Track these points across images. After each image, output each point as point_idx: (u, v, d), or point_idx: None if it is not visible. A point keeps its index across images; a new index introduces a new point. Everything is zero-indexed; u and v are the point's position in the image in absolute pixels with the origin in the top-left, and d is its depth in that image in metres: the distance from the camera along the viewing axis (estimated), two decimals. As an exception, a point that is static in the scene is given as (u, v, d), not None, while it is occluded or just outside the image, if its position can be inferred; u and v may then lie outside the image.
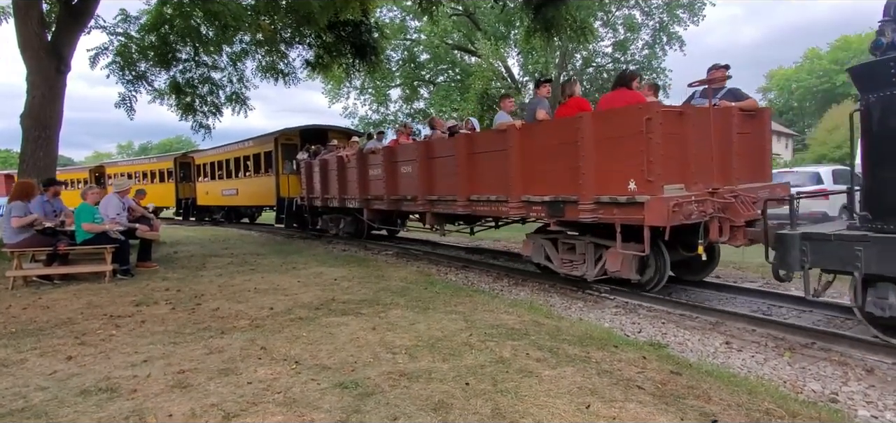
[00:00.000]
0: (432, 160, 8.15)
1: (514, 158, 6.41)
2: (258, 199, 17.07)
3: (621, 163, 5.16)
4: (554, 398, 2.96)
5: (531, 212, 6.44)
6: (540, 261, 6.87)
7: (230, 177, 18.74)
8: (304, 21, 11.51)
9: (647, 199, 4.88)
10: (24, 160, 10.11)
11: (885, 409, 3.08)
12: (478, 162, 7.16)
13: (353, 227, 12.12)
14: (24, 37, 9.94)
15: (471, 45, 26.18)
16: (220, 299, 5.92)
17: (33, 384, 3.35)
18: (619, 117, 5.24)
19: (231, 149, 18.61)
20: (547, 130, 6.16)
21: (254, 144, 16.99)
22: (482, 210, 7.29)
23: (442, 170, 7.94)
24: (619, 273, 5.61)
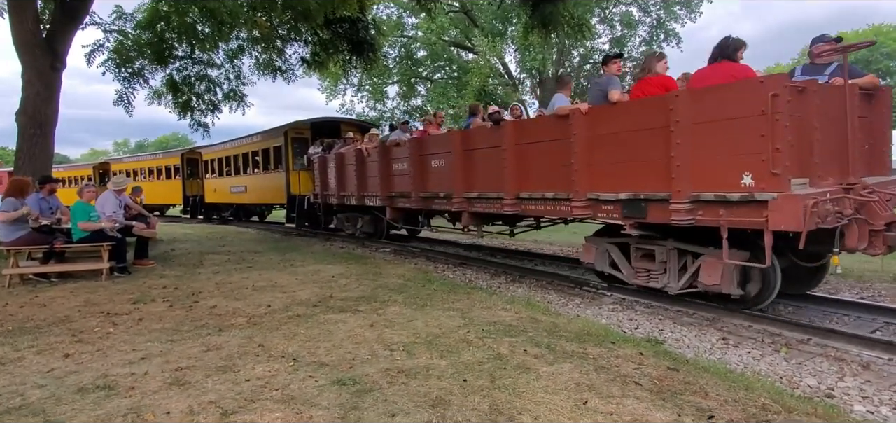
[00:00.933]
0: (471, 152, 7.22)
1: (579, 148, 5.49)
2: (268, 196, 16.25)
3: (732, 152, 4.22)
4: (551, 394, 2.97)
5: (600, 212, 5.46)
6: (604, 269, 5.95)
7: (238, 173, 17.88)
8: (301, 18, 11.47)
9: (773, 197, 3.96)
10: (20, 158, 10.06)
11: (881, 404, 3.10)
12: (530, 154, 6.23)
13: (371, 226, 11.31)
14: (18, 33, 9.89)
15: (468, 42, 26.15)
16: (217, 296, 5.91)
17: (31, 382, 3.35)
18: (731, 95, 4.26)
19: (239, 144, 17.75)
20: (624, 114, 5.12)
21: (262, 138, 16.15)
22: (534, 210, 6.37)
23: (483, 163, 7.01)
24: (717, 287, 4.68)
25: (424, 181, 8.30)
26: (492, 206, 6.96)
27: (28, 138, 9.99)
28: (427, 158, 8.24)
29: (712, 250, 4.72)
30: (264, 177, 16.08)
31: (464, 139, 7.40)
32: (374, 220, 11.17)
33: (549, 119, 6.12)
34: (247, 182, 17.35)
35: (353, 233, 11.94)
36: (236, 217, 19.60)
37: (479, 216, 7.53)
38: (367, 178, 10.16)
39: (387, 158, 9.38)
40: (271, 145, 15.47)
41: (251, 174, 17.05)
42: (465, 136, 7.48)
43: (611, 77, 5.69)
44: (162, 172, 23.96)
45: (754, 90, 4.11)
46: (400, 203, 9.13)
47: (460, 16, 26.02)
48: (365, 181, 10.22)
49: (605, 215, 5.45)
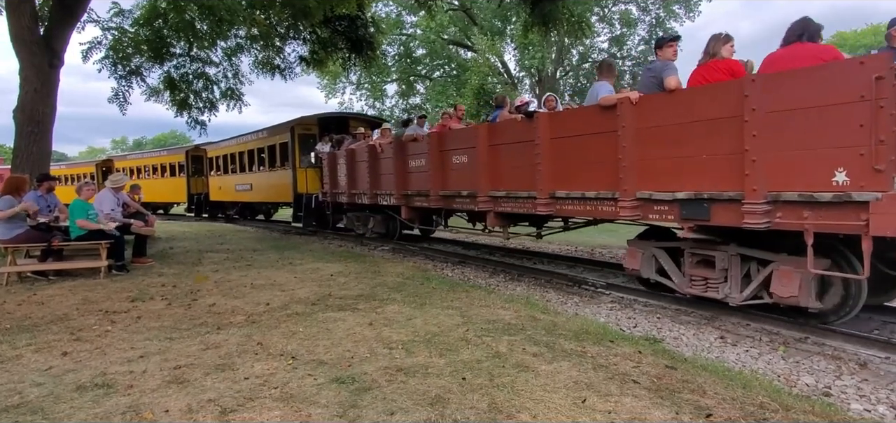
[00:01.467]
0: (498, 148, 6.71)
1: (628, 142, 4.94)
2: (274, 194, 15.56)
3: (821, 145, 3.70)
4: (550, 393, 2.97)
5: (652, 213, 4.91)
6: (650, 276, 5.39)
7: (244, 171, 17.21)
8: (300, 15, 11.45)
9: (876, 197, 3.42)
10: (18, 155, 10.03)
11: (878, 402, 3.11)
12: (567, 149, 5.72)
13: (383, 226, 10.70)
14: (16, 30, 9.85)
15: (467, 41, 26.15)
16: (216, 294, 5.91)
17: (29, 380, 3.34)
18: (821, 78, 3.70)
19: (244, 140, 17.09)
20: (685, 103, 4.54)
21: (268, 134, 15.48)
22: (572, 210, 5.84)
23: (512, 160, 6.46)
24: (793, 299, 4.14)
25: (445, 179, 7.79)
26: (521, 206, 6.42)
27: (25, 136, 9.96)
28: (448, 153, 7.69)
29: (785, 257, 4.22)
30: (270, 175, 15.53)
31: (490, 133, 6.87)
32: (386, 220, 10.61)
33: (591, 111, 5.47)
34: (252, 180, 16.76)
35: (364, 234, 11.35)
36: (241, 216, 19.08)
37: (506, 217, 7.01)
38: (379, 175, 9.64)
39: (402, 155, 8.84)
40: (277, 142, 14.87)
41: (256, 172, 16.51)
42: (492, 130, 6.92)
43: (667, 62, 4.93)
44: (166, 169, 23.27)
45: (852, 73, 3.56)
46: (416, 202, 8.65)
47: (459, 14, 26.01)
48: (378, 179, 9.70)
49: (657, 217, 4.88)
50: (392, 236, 10.71)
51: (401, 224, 10.22)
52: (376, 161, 9.72)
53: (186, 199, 21.93)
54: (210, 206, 20.60)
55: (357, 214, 11.56)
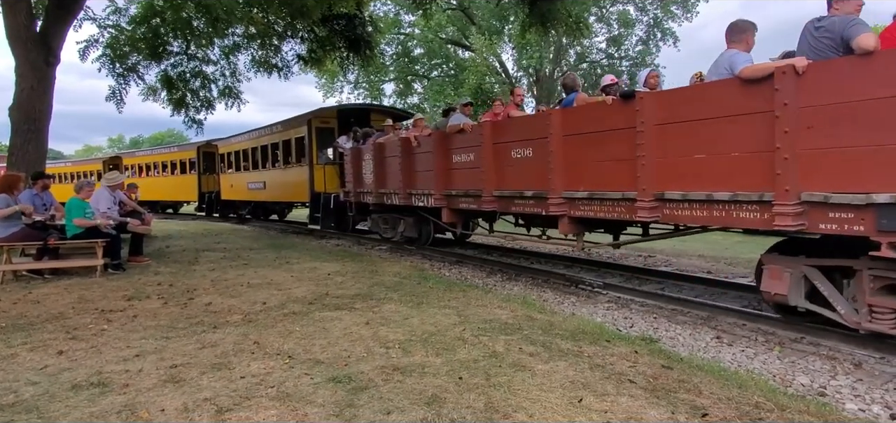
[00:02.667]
0: (579, 138, 5.58)
1: (790, 125, 3.75)
2: (288, 193, 14.53)
3: None
4: (547, 392, 2.98)
5: (826, 222, 3.69)
6: (799, 303, 4.19)
7: (257, 168, 16.22)
8: (298, 14, 11.44)
9: None
10: (13, 153, 9.99)
11: (873, 402, 3.12)
12: (685, 137, 4.53)
13: (415, 230, 9.63)
14: (11, 28, 9.81)
15: (465, 40, 26.16)
16: (212, 293, 5.89)
17: (24, 378, 3.33)
18: None
19: (257, 135, 16.04)
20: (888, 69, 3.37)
21: (283, 128, 14.40)
22: (691, 216, 4.58)
23: (599, 152, 5.34)
24: None
25: (501, 177, 6.71)
26: (611, 210, 5.28)
27: (21, 134, 9.93)
28: (506, 146, 6.60)
29: None
30: (285, 172, 14.54)
31: (567, 120, 5.73)
32: (419, 222, 9.55)
33: (726, 86, 4.23)
34: (266, 178, 15.73)
35: (392, 238, 10.26)
36: (254, 216, 18.07)
37: (584, 223, 5.98)
38: (415, 172, 8.61)
39: (444, 149, 7.80)
40: (293, 136, 13.78)
41: (270, 169, 15.52)
42: (570, 116, 5.78)
43: (850, 17, 3.68)
44: (176, 166, 22.31)
45: None
46: (462, 204, 7.54)
47: (457, 14, 26.02)
48: (412, 177, 8.67)
49: (835, 227, 3.65)
50: (425, 241, 9.73)
51: (434, 228, 9.40)
52: (411, 157, 8.67)
53: (197, 197, 21.05)
54: (221, 205, 19.61)
55: (385, 215, 10.43)
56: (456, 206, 7.80)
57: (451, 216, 8.01)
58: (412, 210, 9.24)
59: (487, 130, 6.94)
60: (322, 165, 12.80)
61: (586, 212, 5.62)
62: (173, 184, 22.41)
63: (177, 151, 22.75)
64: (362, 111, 13.69)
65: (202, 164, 20.58)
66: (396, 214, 10.03)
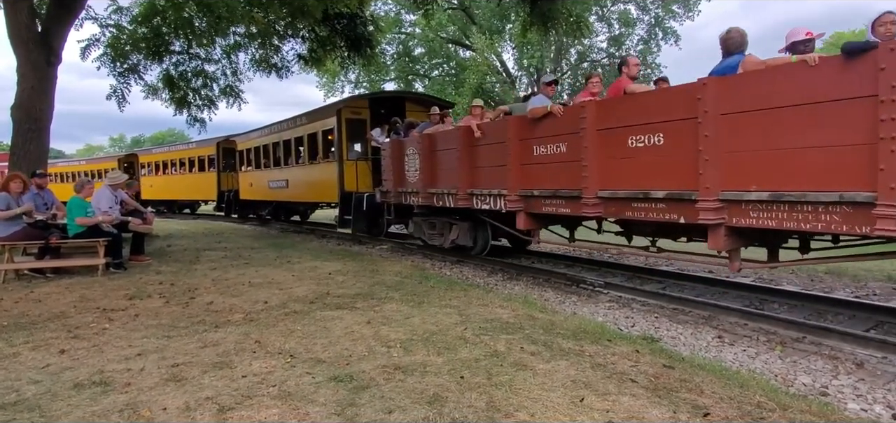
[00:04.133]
0: (754, 118, 4.09)
1: None
2: (314, 193, 13.12)
3: None
4: (548, 392, 2.98)
5: None
6: None
7: (278, 165, 14.88)
8: (299, 13, 11.43)
9: None
10: (15, 153, 10.00)
11: (875, 402, 3.12)
12: None
13: (470, 236, 8.25)
14: (13, 27, 9.82)
15: (466, 39, 26.15)
16: (213, 292, 5.90)
17: (26, 377, 3.33)
18: None
19: (278, 129, 14.77)
20: None
21: (308, 121, 13.00)
22: None
23: (800, 136, 3.84)
24: None
25: (612, 172, 5.32)
26: (819, 217, 3.76)
27: (23, 134, 9.94)
28: (620, 133, 5.17)
29: None
30: (310, 169, 13.08)
31: (732, 94, 4.20)
32: (475, 227, 8.23)
33: None
34: (289, 176, 14.29)
35: (442, 245, 8.88)
36: (274, 217, 16.87)
37: (747, 235, 4.59)
38: (477, 169, 7.28)
39: (523, 139, 6.42)
40: (319, 129, 12.36)
41: (294, 166, 14.10)
42: (737, 88, 4.21)
43: None
44: (194, 163, 21.00)
45: None
46: (548, 207, 6.16)
47: (458, 13, 26.01)
48: (474, 174, 7.33)
49: None
50: (480, 249, 8.34)
51: (492, 233, 8.23)
52: (472, 150, 7.34)
53: (216, 196, 19.68)
54: (240, 205, 18.27)
55: (432, 220, 9.05)
56: (537, 209, 6.36)
57: (528, 222, 6.59)
58: (469, 213, 7.95)
59: (591, 112, 5.44)
60: (353, 161, 11.40)
61: (763, 221, 4.08)
62: (191, 182, 21.26)
63: (195, 147, 21.11)
64: (396, 100, 12.37)
65: (222, 161, 19.36)
66: (447, 217, 8.66)
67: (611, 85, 5.86)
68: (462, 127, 7.61)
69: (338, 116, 11.38)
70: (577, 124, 5.62)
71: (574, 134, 5.70)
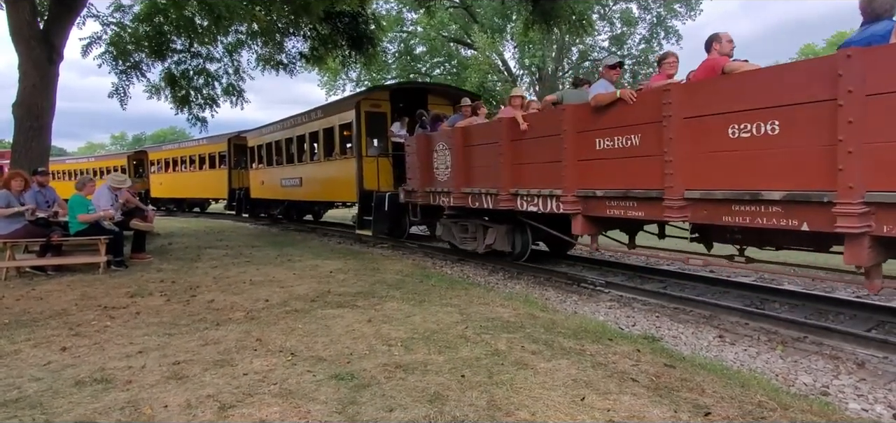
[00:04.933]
0: None
1: None
2: (330, 191, 12.34)
3: None
4: (549, 391, 2.98)
5: None
6: None
7: (292, 162, 14.05)
8: (301, 12, 11.43)
9: None
10: (17, 151, 10.02)
11: (876, 402, 3.11)
12: None
13: (509, 240, 7.45)
14: (15, 25, 9.83)
15: (467, 38, 26.12)
16: (215, 290, 5.91)
17: (27, 374, 3.34)
18: None
19: (291, 124, 13.97)
20: None
21: (324, 114, 12.26)
22: None
23: None
24: None
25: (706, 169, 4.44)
26: None
27: (24, 131, 9.95)
28: (716, 121, 4.33)
29: None
30: (326, 166, 12.25)
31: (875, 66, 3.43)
32: (514, 231, 7.45)
33: None
34: (302, 173, 13.49)
35: (475, 249, 8.03)
36: (287, 217, 16.14)
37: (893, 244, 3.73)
38: (523, 166, 6.52)
39: (582, 132, 5.61)
40: (336, 123, 11.57)
41: (308, 163, 13.27)
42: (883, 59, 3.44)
43: None
44: (205, 160, 20.23)
45: None
46: (615, 209, 5.33)
47: (460, 12, 25.99)
48: (520, 171, 6.56)
49: None
50: (520, 254, 7.53)
51: (531, 239, 7.44)
52: (517, 145, 6.58)
53: (227, 194, 18.83)
54: (251, 204, 17.45)
55: (464, 222, 8.26)
56: (599, 212, 5.54)
57: (586, 226, 5.82)
58: (507, 216, 7.24)
59: (678, 96, 4.60)
60: (374, 158, 10.60)
61: None
62: (201, 180, 20.52)
63: (205, 144, 20.18)
64: (418, 92, 11.53)
65: (233, 158, 18.57)
66: (481, 219, 7.91)
67: (700, 65, 4.78)
68: (504, 119, 6.77)
69: (357, 109, 10.57)
70: (658, 112, 4.72)
71: (652, 124, 4.82)
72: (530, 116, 6.56)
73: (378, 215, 9.94)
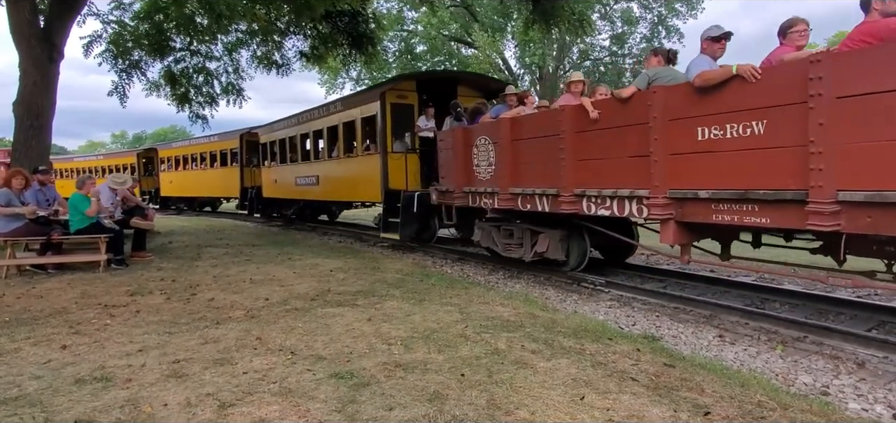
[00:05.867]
0: None
1: None
2: (351, 190, 11.46)
3: None
4: (549, 390, 2.98)
5: None
6: None
7: (307, 159, 13.34)
8: (301, 10, 11.42)
9: None
10: (17, 149, 10.02)
11: (876, 402, 3.11)
12: None
13: (563, 247, 6.49)
14: (15, 23, 9.83)
15: (468, 37, 26.11)
16: (215, 289, 5.91)
17: (27, 373, 3.34)
18: None
19: (307, 118, 13.08)
20: None
21: (344, 107, 11.40)
22: None
23: None
24: None
25: (874, 164, 3.51)
26: None
27: (25, 130, 9.95)
28: None
29: None
30: (346, 164, 11.42)
31: None
32: (568, 236, 6.55)
33: None
34: (319, 171, 12.58)
35: (521, 258, 6.99)
36: (300, 217, 15.32)
37: None
38: (591, 162, 5.62)
39: (678, 119, 4.69)
40: (358, 116, 10.65)
41: (326, 160, 12.37)
42: None
43: None
44: (216, 158, 19.48)
45: None
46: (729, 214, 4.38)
47: (460, 11, 25.97)
48: (586, 168, 5.67)
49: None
50: (577, 264, 6.64)
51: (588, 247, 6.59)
52: (583, 138, 5.67)
53: (239, 193, 17.95)
54: (263, 203, 16.52)
55: (511, 226, 7.21)
56: (702, 217, 4.59)
57: (680, 234, 4.90)
58: (563, 219, 6.36)
59: (829, 68, 3.62)
60: (401, 154, 9.74)
61: None
62: (213, 178, 19.77)
63: (217, 140, 19.47)
64: (446, 81, 10.60)
65: (245, 155, 17.82)
66: (531, 223, 6.87)
67: (857, 29, 3.79)
68: (567, 108, 5.87)
69: (381, 100, 9.62)
70: (798, 91, 3.79)
71: (788, 106, 3.89)
72: (603, 103, 5.60)
73: (406, 217, 9.07)
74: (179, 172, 22.29)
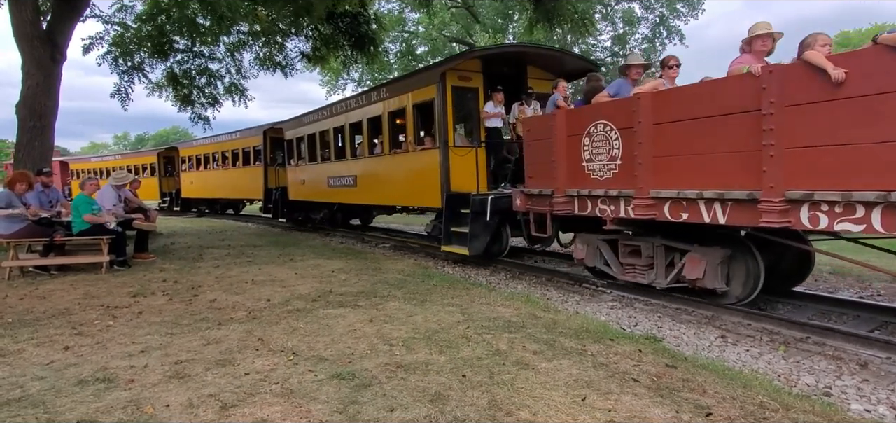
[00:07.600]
0: None
1: None
2: (400, 193, 9.55)
3: None
4: (550, 391, 2.98)
5: None
6: None
7: (342, 157, 11.40)
8: (303, 11, 11.44)
9: None
10: (20, 150, 10.06)
11: (878, 403, 3.10)
12: None
13: (721, 272, 4.93)
14: (18, 25, 9.86)
15: (469, 38, 26.10)
16: (217, 290, 5.92)
17: (30, 373, 3.35)
18: None
19: (343, 109, 11.08)
20: None
21: (390, 93, 9.42)
22: None
23: None
24: None
25: None
26: None
27: (28, 131, 9.99)
28: None
29: None
30: (394, 162, 9.45)
31: None
32: (732, 258, 4.97)
33: None
34: (358, 170, 10.69)
35: (652, 283, 5.50)
36: (331, 222, 13.37)
37: None
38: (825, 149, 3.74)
39: None
40: (409, 104, 8.81)
41: (366, 157, 10.47)
42: None
43: None
44: (238, 157, 17.79)
45: None
46: None
47: (462, 11, 25.98)
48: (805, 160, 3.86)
49: None
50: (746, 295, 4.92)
51: None
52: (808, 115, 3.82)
53: (263, 195, 16.29)
54: (288, 206, 14.81)
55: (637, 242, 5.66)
56: None
57: None
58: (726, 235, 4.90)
59: None
60: (469, 149, 8.12)
61: None
62: (235, 178, 18.10)
63: (239, 138, 17.71)
64: (515, 59, 8.87)
65: (269, 153, 16.10)
66: (669, 239, 5.33)
67: None
68: (776, 70, 4.03)
69: (441, 82, 7.90)
70: None
71: None
72: (845, 58, 3.73)
73: (476, 227, 7.33)
74: (200, 172, 20.69)
